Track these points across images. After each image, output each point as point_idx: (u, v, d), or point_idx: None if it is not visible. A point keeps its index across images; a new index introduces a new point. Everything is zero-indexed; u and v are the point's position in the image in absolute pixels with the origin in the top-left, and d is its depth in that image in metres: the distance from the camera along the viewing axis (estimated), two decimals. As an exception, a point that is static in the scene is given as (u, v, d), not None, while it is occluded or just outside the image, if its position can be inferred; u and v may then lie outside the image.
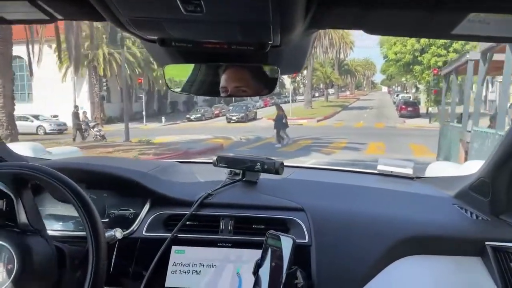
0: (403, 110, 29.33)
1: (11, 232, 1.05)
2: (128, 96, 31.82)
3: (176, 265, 1.22)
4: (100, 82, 27.95)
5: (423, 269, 1.22)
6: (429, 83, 26.45)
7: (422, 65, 26.16)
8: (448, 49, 24.84)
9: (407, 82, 65.10)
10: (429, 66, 25.58)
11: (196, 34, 0.81)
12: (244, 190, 1.42)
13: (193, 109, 34.58)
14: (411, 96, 41.83)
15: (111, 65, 27.52)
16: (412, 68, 27.02)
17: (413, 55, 26.06)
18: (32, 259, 1.00)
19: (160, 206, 1.34)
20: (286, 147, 14.40)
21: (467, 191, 1.44)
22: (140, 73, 29.36)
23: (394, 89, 78.33)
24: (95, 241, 0.99)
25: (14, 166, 1.06)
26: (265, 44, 0.81)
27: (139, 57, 28.99)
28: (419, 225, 1.29)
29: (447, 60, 24.95)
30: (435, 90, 25.81)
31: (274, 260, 1.01)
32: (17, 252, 0.99)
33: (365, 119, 28.31)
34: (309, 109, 35.78)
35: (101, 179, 1.39)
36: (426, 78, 26.29)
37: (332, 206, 1.36)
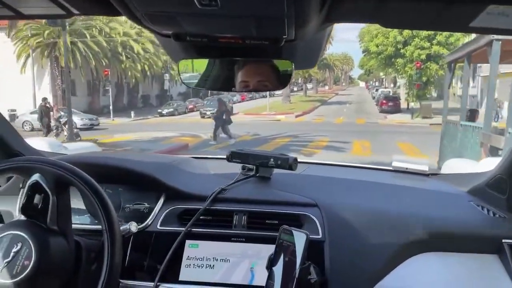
0: (383, 105, 28.70)
1: (38, 227, 1.06)
2: (95, 89, 30.19)
3: (190, 259, 1.22)
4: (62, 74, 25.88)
5: (439, 266, 1.21)
6: (411, 77, 25.55)
7: (404, 58, 25.20)
8: (432, 41, 23.87)
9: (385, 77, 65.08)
10: (411, 59, 24.68)
11: (211, 28, 0.81)
12: (257, 186, 1.42)
13: (166, 103, 32.84)
14: (390, 91, 41.12)
15: (74, 56, 25.52)
16: (394, 61, 26.04)
17: (396, 48, 25.04)
18: (50, 258, 1.01)
19: (175, 201, 1.35)
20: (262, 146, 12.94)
21: (484, 188, 1.43)
22: (107, 64, 27.51)
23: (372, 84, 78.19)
24: (110, 235, 1.02)
25: (51, 164, 1.07)
26: (279, 38, 0.81)
27: (106, 47, 27.07)
28: (435, 221, 1.28)
29: (431, 53, 24.04)
30: (418, 85, 24.90)
31: (288, 255, 1.02)
32: (37, 250, 1.00)
33: (345, 115, 27.48)
34: (287, 104, 34.64)
35: (117, 174, 1.39)
36: (409, 71, 25.34)
37: (346, 202, 1.35)
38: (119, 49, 28.69)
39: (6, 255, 1.00)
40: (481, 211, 1.35)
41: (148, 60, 31.60)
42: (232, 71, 1.05)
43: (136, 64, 30.24)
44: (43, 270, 1.00)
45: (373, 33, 26.04)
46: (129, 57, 29.70)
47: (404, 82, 39.31)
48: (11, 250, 1.00)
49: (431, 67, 24.48)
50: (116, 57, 28.83)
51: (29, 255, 0.99)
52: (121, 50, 28.81)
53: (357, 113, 28.78)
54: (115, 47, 28.59)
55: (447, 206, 1.40)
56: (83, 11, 0.80)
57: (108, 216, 1.03)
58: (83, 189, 1.04)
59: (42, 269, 0.99)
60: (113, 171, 1.40)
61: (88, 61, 26.28)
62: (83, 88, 29.31)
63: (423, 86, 25.45)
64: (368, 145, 12.98)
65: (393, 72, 28.76)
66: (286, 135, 15.56)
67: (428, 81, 25.56)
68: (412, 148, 12.34)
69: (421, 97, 25.87)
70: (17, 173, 1.16)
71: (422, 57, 24.08)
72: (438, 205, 1.40)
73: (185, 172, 1.51)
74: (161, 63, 33.40)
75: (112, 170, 1.40)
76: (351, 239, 1.22)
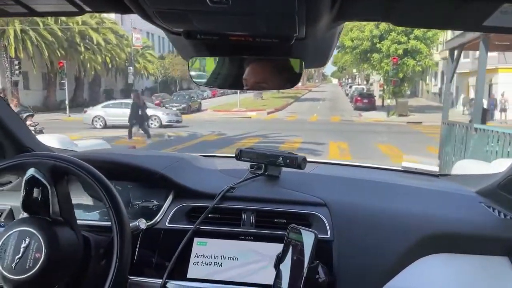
0: (358, 102, 27.76)
1: (43, 220, 1.06)
2: (50, 83, 27.89)
3: (198, 257, 1.22)
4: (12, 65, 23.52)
5: (448, 267, 1.21)
6: (387, 73, 24.44)
7: (381, 53, 24.06)
8: (409, 36, 22.84)
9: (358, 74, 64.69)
10: (388, 54, 23.57)
11: (221, 26, 0.82)
12: (266, 184, 1.41)
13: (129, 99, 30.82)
14: (364, 88, 40.34)
15: (26, 45, 23.25)
16: (369, 57, 24.89)
17: (372, 42, 23.89)
18: (60, 249, 1.02)
19: (183, 198, 1.35)
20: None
21: (495, 189, 1.41)
22: (63, 56, 25.32)
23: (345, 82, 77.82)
24: (120, 232, 1.03)
25: (44, 157, 1.08)
26: (290, 36, 0.81)
27: (61, 36, 24.86)
28: (445, 222, 1.27)
29: (408, 48, 23.03)
30: (394, 81, 23.87)
31: (296, 254, 1.01)
32: (46, 241, 1.01)
33: (319, 112, 26.36)
34: (259, 100, 33.14)
35: (126, 171, 1.40)
36: (385, 67, 24.23)
37: (355, 202, 1.34)
38: (77, 39, 26.56)
39: (16, 251, 1.00)
40: (492, 212, 1.34)
41: (110, 52, 29.57)
42: (242, 69, 1.04)
43: (97, 55, 28.15)
44: (55, 261, 1.00)
45: (348, 27, 24.84)
46: (89, 48, 27.63)
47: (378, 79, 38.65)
48: (21, 246, 1.00)
49: (408, 62, 23.42)
50: (74, 47, 26.67)
51: (39, 248, 1.00)
52: (79, 41, 26.69)
53: (331, 111, 27.78)
54: (73, 37, 26.43)
55: (457, 207, 1.39)
56: (95, 8, 0.81)
57: (118, 213, 1.03)
58: (82, 174, 1.05)
59: (53, 260, 1.00)
60: (122, 168, 1.39)
61: (41, 52, 24.07)
62: (37, 81, 27.12)
63: (399, 83, 24.43)
64: (345, 147, 11.66)
65: (368, 68, 27.63)
66: (256, 134, 14.06)
67: (405, 77, 24.56)
68: (393, 149, 11.11)
69: (397, 94, 24.86)
70: (13, 173, 1.20)
71: (399, 52, 23.01)
72: (448, 206, 1.39)
73: (194, 170, 1.52)
74: (125, 55, 31.40)
75: (122, 167, 1.40)
76: (360, 239, 1.21)
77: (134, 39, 32.16)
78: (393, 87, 24.31)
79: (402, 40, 22.78)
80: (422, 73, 28.25)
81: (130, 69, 32.07)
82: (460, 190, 1.53)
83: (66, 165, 1.06)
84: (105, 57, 29.07)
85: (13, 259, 0.99)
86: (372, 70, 28.25)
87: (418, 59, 23.50)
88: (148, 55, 37.02)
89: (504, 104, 20.51)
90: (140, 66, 35.63)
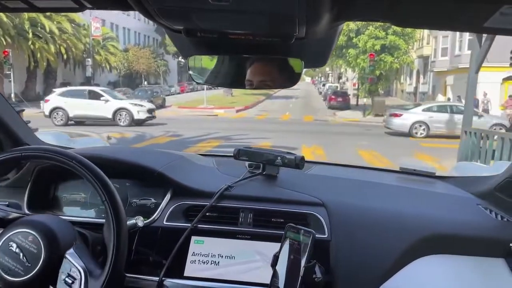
0: (332, 100, 26.45)
1: (42, 220, 1.08)
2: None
3: (195, 255, 1.23)
4: None
5: (445, 268, 1.21)
6: (363, 70, 23.02)
7: (357, 49, 22.59)
8: (387, 30, 21.46)
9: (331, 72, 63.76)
10: (365, 50, 22.11)
11: (222, 24, 0.82)
12: (264, 184, 1.42)
13: (87, 93, 28.39)
14: (338, 86, 39.14)
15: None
16: (345, 52, 23.40)
17: (348, 37, 22.40)
18: (60, 248, 1.03)
19: (181, 197, 1.35)
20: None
21: (492, 191, 1.42)
22: (10, 44, 22.72)
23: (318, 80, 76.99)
24: (117, 229, 1.02)
25: (41, 150, 1.08)
26: (290, 36, 0.81)
27: (7, 22, 22.28)
28: (442, 224, 1.27)
29: (386, 44, 21.67)
30: (371, 78, 22.50)
31: (293, 254, 1.01)
32: (46, 242, 1.02)
33: (292, 110, 24.80)
34: (229, 97, 31.27)
35: (124, 169, 1.40)
36: (361, 64, 22.79)
37: (352, 202, 1.35)
38: (26, 27, 24.02)
39: (16, 253, 1.01)
40: (489, 214, 1.34)
41: (66, 42, 27.08)
42: (242, 68, 1.05)
43: (50, 45, 25.62)
44: (53, 261, 1.02)
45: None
46: (41, 36, 25.09)
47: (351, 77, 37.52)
48: (20, 248, 1.02)
49: (386, 59, 22.01)
50: (23, 35, 24.10)
51: (39, 249, 1.01)
52: (29, 28, 24.12)
53: (304, 109, 26.30)
54: (22, 23, 23.86)
55: (455, 208, 1.40)
56: (96, 5, 0.80)
57: (115, 210, 1.03)
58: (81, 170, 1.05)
59: (52, 261, 1.01)
60: (121, 166, 1.39)
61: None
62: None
63: (376, 81, 23.07)
64: (321, 153, 9.99)
65: (343, 64, 26.24)
66: (217, 136, 12.22)
67: (381, 75, 23.21)
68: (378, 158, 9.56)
69: (373, 93, 23.52)
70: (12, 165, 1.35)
71: (376, 47, 21.58)
72: (445, 208, 1.39)
73: (192, 168, 1.52)
74: (82, 46, 28.94)
75: (120, 165, 1.39)
76: (357, 239, 1.21)
77: (93, 29, 29.75)
78: (369, 85, 22.95)
79: (380, 35, 21.35)
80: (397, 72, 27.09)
81: (88, 61, 29.66)
82: (458, 191, 1.55)
83: (66, 160, 1.06)
84: (59, 47, 26.60)
85: (13, 261, 1.00)
86: (347, 67, 26.89)
87: (396, 56, 22.17)
88: (110, 47, 34.61)
89: (486, 104, 19.40)
90: (101, 59, 33.21)
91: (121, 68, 36.91)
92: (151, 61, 38.94)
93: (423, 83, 30.91)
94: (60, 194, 1.45)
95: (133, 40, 43.22)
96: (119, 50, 36.13)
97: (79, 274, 1.01)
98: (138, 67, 37.61)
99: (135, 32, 43.78)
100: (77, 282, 1.00)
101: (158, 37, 46.06)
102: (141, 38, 45.38)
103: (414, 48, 29.15)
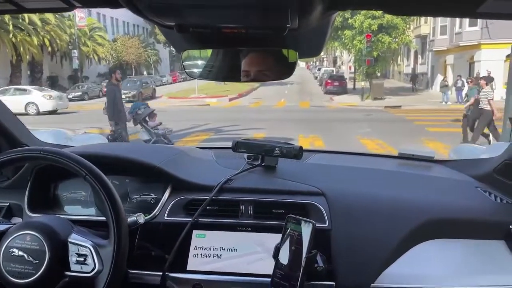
0: (328, 85, 25.64)
1: (43, 221, 1.10)
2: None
3: (197, 249, 1.23)
4: None
5: (446, 252, 1.21)
6: (360, 51, 22.04)
7: (353, 30, 21.56)
8: (384, 9, 20.41)
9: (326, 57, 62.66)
10: (361, 31, 21.10)
11: (213, 19, 0.82)
12: (263, 175, 1.42)
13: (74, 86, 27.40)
14: (334, 70, 38.17)
15: None
16: (341, 34, 22.38)
17: (343, 18, 21.35)
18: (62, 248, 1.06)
19: (181, 191, 1.35)
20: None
21: (491, 173, 1.43)
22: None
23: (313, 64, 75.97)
24: (117, 226, 1.04)
25: (37, 150, 1.10)
26: (283, 27, 0.81)
27: (-15, 14, 21.19)
28: (442, 208, 1.28)
29: (383, 24, 20.69)
30: (368, 61, 21.54)
31: (294, 244, 1.02)
32: (49, 243, 1.04)
33: (287, 97, 23.96)
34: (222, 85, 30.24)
35: (123, 165, 1.39)
36: (358, 45, 21.77)
37: (352, 190, 1.35)
38: (6, 19, 22.95)
39: (19, 255, 1.03)
40: (488, 197, 1.35)
41: (50, 33, 26.00)
42: (237, 61, 1.04)
43: (32, 37, 24.59)
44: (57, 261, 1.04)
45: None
46: (23, 28, 24.02)
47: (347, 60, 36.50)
48: (24, 250, 1.03)
49: (383, 39, 20.97)
50: (4, 28, 23.04)
51: (43, 250, 1.02)
52: (9, 20, 23.05)
53: (300, 95, 25.44)
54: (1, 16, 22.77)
55: (454, 192, 1.40)
56: (85, 4, 0.79)
57: (114, 208, 1.04)
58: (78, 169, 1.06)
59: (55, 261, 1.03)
60: (120, 163, 1.38)
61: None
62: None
63: (374, 63, 22.11)
64: (320, 144, 9.17)
65: (339, 46, 25.23)
66: (206, 128, 11.34)
67: (379, 56, 22.23)
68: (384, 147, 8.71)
69: (371, 75, 22.58)
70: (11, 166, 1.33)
71: (373, 27, 20.59)
72: (444, 192, 1.40)
73: (191, 162, 1.52)
74: (67, 37, 27.85)
75: (119, 162, 1.39)
76: (357, 227, 1.21)
77: (78, 19, 28.64)
78: (366, 68, 22.02)
79: (377, 15, 20.34)
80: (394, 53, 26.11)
81: (74, 53, 28.65)
82: (457, 175, 1.56)
83: (58, 158, 1.07)
84: (43, 39, 25.54)
85: (20, 264, 1.02)
86: (343, 49, 25.91)
87: (394, 36, 21.19)
88: (98, 38, 33.51)
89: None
90: (88, 50, 32.14)
91: (110, 59, 35.83)
92: (141, 51, 37.82)
93: (421, 63, 29.94)
94: (61, 193, 1.44)
95: (122, 30, 41.98)
96: (107, 41, 35.02)
97: (89, 250, 1.05)
98: (128, 58, 36.51)
99: (123, 22, 42.54)
100: (90, 257, 1.05)
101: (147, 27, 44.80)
102: (130, 28, 44.15)
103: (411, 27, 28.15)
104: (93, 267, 1.04)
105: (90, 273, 1.04)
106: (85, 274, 1.05)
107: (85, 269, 1.05)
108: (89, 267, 1.05)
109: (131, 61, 37.10)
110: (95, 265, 1.04)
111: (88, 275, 1.04)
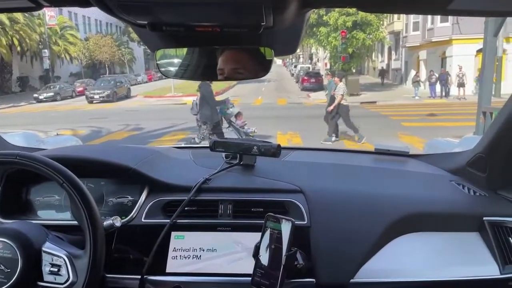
0: (305, 82, 25.76)
1: (15, 227, 1.07)
2: None
3: (176, 251, 1.22)
4: None
5: (422, 246, 1.23)
6: (335, 48, 22.21)
7: (328, 27, 21.71)
8: (358, 6, 20.61)
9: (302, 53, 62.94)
10: (336, 28, 21.26)
11: (187, 17, 0.81)
12: (241, 174, 1.42)
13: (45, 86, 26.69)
14: (310, 67, 38.36)
15: None
16: (316, 31, 22.48)
17: (318, 15, 21.48)
18: (36, 254, 1.03)
19: (158, 193, 1.33)
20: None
21: (464, 167, 1.46)
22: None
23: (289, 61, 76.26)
24: (93, 237, 1.02)
25: (10, 155, 1.07)
26: (258, 25, 0.80)
27: (-52, 13, 20.38)
28: (417, 202, 1.30)
29: (357, 20, 20.91)
30: (344, 57, 21.72)
31: (274, 243, 1.03)
32: (21, 250, 1.01)
33: (264, 94, 23.95)
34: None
35: (98, 168, 1.37)
36: (333, 42, 21.97)
37: (330, 187, 1.37)
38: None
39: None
40: (462, 190, 1.38)
41: (19, 33, 25.25)
42: (213, 59, 1.03)
43: (1, 37, 23.82)
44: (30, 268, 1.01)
45: None
46: (-11, 28, 23.28)
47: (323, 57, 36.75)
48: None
49: (358, 36, 21.22)
50: (-31, 27, 22.27)
51: (15, 257, 1.00)
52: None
53: (277, 92, 25.52)
54: (-34, 14, 21.98)
55: (429, 186, 1.43)
56: (53, 3, 0.76)
57: (89, 211, 1.03)
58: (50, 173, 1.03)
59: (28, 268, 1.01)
60: (94, 165, 1.37)
61: None
62: None
63: (349, 59, 22.31)
64: (298, 141, 9.18)
65: (315, 43, 25.36)
66: (185, 127, 11.21)
67: (354, 52, 22.44)
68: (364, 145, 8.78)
69: (346, 72, 22.77)
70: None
71: (347, 24, 20.75)
72: (420, 186, 1.42)
73: (168, 163, 1.50)
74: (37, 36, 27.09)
75: (93, 164, 1.37)
76: (336, 223, 1.22)
77: (48, 18, 27.86)
78: (342, 64, 22.21)
79: (351, 12, 20.54)
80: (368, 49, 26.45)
81: (45, 52, 27.96)
82: (432, 169, 1.59)
83: (35, 165, 1.04)
84: (11, 39, 24.78)
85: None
86: (318, 46, 26.03)
87: (369, 32, 21.45)
88: (69, 37, 32.75)
89: (462, 78, 18.95)
90: (60, 49, 31.37)
91: (83, 58, 35.06)
92: (115, 50, 37.15)
93: (395, 59, 30.44)
94: (33, 198, 1.40)
95: (94, 28, 41.13)
96: (79, 39, 34.26)
97: (63, 260, 1.02)
98: (101, 57, 35.83)
99: (96, 20, 41.69)
100: (64, 267, 1.02)
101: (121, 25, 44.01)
102: (103, 26, 43.31)
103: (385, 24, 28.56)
104: (67, 278, 1.02)
105: (64, 284, 1.01)
106: (59, 285, 1.02)
107: (58, 280, 1.02)
108: (63, 278, 1.02)
109: (104, 60, 36.41)
110: (69, 276, 1.02)
111: (61, 287, 1.02)
